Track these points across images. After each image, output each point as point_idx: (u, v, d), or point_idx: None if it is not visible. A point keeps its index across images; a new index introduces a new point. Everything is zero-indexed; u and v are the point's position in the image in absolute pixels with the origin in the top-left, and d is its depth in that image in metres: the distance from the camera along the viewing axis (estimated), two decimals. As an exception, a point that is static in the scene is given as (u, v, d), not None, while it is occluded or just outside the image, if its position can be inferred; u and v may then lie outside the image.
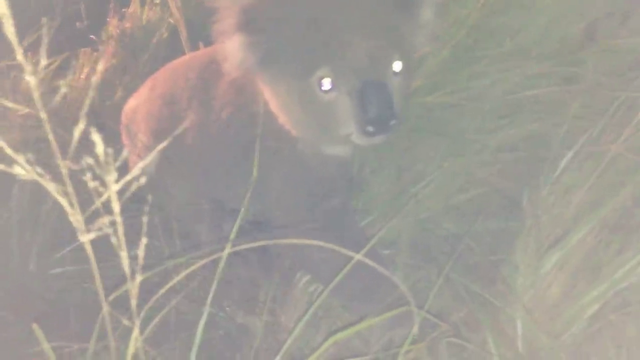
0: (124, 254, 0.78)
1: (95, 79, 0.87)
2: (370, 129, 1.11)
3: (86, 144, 0.76)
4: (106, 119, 1.87)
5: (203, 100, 1.39)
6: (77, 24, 2.41)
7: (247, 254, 1.44)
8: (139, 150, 1.53)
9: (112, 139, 1.72)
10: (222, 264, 1.01)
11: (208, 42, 1.83)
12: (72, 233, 0.82)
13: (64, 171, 0.72)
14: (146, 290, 1.01)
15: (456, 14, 1.53)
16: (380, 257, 1.38)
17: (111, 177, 0.73)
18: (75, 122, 0.73)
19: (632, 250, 1.15)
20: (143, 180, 0.79)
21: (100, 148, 0.71)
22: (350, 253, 1.10)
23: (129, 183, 0.76)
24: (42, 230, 1.50)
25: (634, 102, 1.34)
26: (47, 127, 0.70)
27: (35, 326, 0.86)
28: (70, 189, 0.73)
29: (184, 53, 1.92)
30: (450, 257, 1.42)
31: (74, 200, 0.73)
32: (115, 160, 0.74)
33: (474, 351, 1.17)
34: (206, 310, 1.05)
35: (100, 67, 2.18)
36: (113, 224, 0.75)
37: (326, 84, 1.13)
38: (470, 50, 1.54)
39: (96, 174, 0.72)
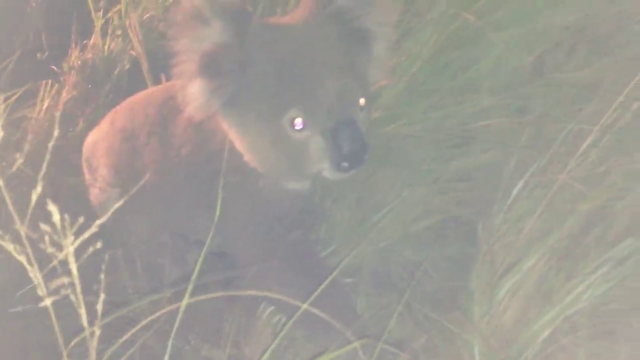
0: (82, 311, 0.81)
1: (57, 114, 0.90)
2: (345, 164, 1.16)
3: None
4: (68, 151, 1.88)
5: (162, 137, 1.41)
6: (38, 55, 2.41)
7: (210, 286, 1.47)
8: (99, 184, 1.54)
9: (75, 172, 1.73)
10: (185, 300, 1.03)
11: (170, 75, 1.87)
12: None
13: (22, 234, 0.74)
14: (110, 325, 1.03)
15: (410, 49, 1.59)
16: (341, 288, 1.41)
17: (68, 241, 0.76)
18: (35, 171, 0.76)
19: (580, 276, 1.21)
20: (99, 244, 0.83)
21: (56, 217, 0.74)
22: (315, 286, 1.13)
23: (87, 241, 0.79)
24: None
25: (580, 133, 1.41)
26: (5, 194, 0.73)
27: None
28: (28, 250, 0.76)
29: (145, 85, 1.94)
30: (409, 284, 1.47)
31: (32, 260, 0.76)
32: (71, 226, 0.77)
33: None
34: (169, 344, 1.07)
35: (62, 98, 2.18)
36: (72, 284, 0.77)
37: (298, 124, 1.16)
38: (425, 83, 1.60)
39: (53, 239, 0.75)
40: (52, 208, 0.75)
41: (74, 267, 0.79)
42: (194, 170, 1.37)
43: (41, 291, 0.78)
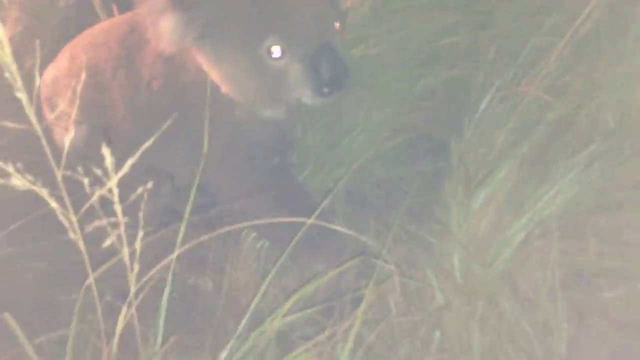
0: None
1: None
2: (326, 90, 1.16)
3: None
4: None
5: (129, 71, 1.38)
6: (-26, -10, 2.28)
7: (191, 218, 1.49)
8: (64, 123, 1.51)
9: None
10: (181, 235, 1.05)
11: (122, 6, 1.80)
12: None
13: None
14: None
15: (374, -32, 1.58)
16: (322, 211, 1.44)
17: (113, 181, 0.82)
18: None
19: (550, 182, 1.27)
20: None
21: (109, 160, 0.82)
22: (300, 219, 1.15)
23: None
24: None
25: (543, 45, 1.45)
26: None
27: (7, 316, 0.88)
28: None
29: (97, 17, 1.87)
30: (385, 201, 1.52)
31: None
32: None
33: (417, 287, 1.27)
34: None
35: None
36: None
37: (276, 52, 1.16)
38: (388, 3, 1.60)
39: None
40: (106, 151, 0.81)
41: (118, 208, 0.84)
42: (167, 103, 1.36)
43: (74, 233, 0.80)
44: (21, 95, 0.76)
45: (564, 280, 1.24)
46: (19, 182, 0.73)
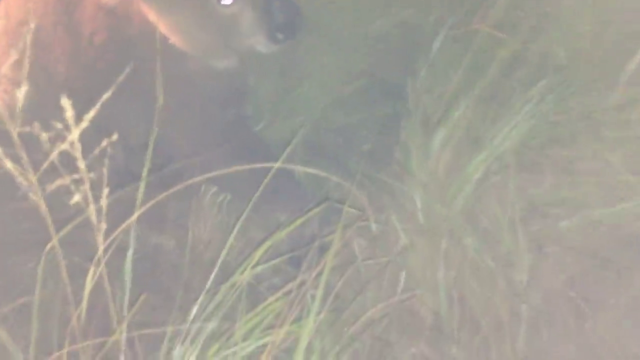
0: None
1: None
2: (280, 36, 1.13)
3: None
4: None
5: (69, 26, 1.32)
6: None
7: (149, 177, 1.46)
8: (3, 85, 1.45)
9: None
10: (141, 195, 1.03)
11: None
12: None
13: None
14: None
15: None
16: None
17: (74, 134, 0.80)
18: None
19: (505, 118, 1.29)
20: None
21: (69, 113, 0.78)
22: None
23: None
24: None
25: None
26: None
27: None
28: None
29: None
30: (344, 148, 1.52)
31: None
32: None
33: (381, 230, 1.29)
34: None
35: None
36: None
37: None
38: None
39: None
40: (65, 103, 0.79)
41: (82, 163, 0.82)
42: (112, 58, 1.31)
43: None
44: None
45: (522, 213, 1.28)
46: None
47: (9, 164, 0.80)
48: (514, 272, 1.23)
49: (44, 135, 0.82)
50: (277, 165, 1.10)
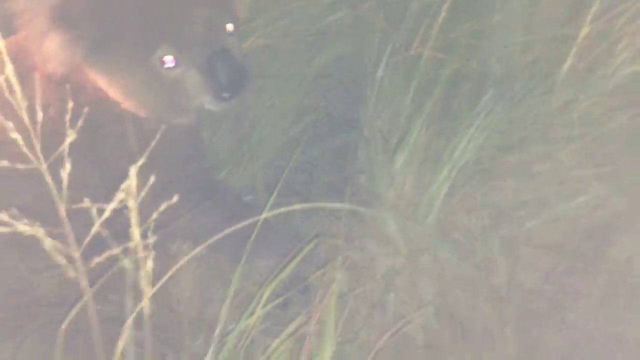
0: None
1: None
2: (226, 94, 1.15)
3: None
4: None
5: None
6: None
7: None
8: None
9: None
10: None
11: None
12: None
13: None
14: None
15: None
16: (250, 207, 1.43)
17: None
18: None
19: (459, 133, 1.36)
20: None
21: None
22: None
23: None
24: None
25: (423, 8, 1.52)
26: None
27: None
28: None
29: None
30: (308, 184, 1.55)
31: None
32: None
33: (361, 258, 1.32)
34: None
35: None
36: None
37: (169, 61, 1.13)
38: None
39: None
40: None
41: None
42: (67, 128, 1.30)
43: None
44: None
45: (490, 220, 1.34)
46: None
47: (48, 243, 0.78)
48: (493, 278, 1.28)
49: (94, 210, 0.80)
50: (263, 216, 1.11)
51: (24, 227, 0.78)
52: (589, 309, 1.29)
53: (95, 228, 0.89)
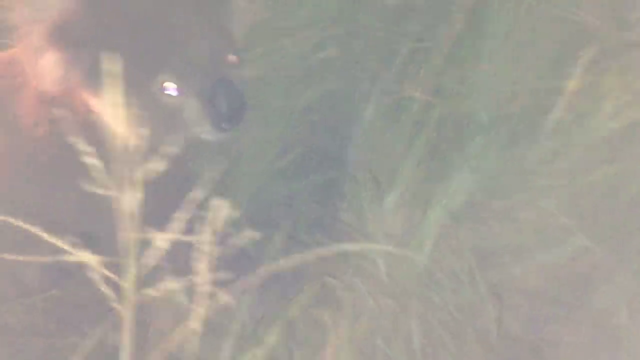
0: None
1: None
2: (225, 125, 1.14)
3: None
4: None
5: (5, 121, 1.25)
6: None
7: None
8: None
9: None
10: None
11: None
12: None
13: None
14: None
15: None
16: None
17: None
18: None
19: (449, 176, 1.37)
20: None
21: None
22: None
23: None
24: None
25: (418, 51, 1.55)
26: None
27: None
28: None
29: None
30: (289, 219, 1.53)
31: None
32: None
33: (348, 298, 1.31)
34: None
35: None
36: None
37: (170, 89, 1.11)
38: (264, 24, 1.62)
39: None
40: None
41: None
42: (56, 150, 1.25)
43: None
44: None
45: (475, 263, 1.35)
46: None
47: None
48: (478, 322, 1.29)
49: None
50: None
51: (82, 255, 0.74)
52: (569, 358, 1.31)
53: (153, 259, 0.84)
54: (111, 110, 1.17)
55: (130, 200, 0.85)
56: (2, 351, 1.31)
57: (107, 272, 0.84)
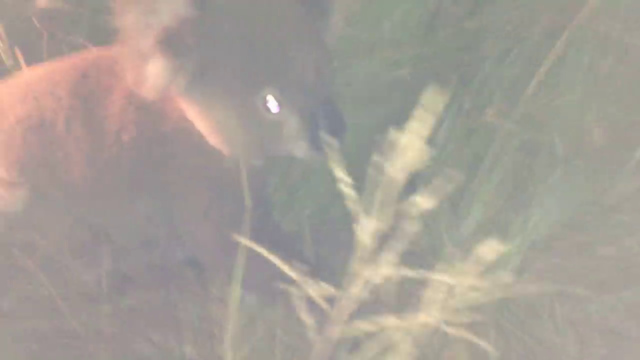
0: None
1: None
2: (323, 145, 1.11)
3: None
4: None
5: (88, 122, 1.24)
6: None
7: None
8: None
9: None
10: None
11: (27, 52, 1.62)
12: None
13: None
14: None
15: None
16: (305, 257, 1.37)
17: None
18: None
19: (530, 207, 1.34)
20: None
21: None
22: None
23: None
24: None
25: (496, 75, 1.53)
26: None
27: None
28: None
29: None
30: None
31: None
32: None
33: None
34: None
35: None
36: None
37: (273, 103, 1.10)
38: (344, 40, 1.61)
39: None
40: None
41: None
42: (139, 155, 1.24)
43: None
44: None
45: (555, 296, 1.32)
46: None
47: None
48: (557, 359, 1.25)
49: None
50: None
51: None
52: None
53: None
54: (206, 119, 1.16)
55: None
56: (68, 355, 1.29)
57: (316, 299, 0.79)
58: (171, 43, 1.07)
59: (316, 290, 0.91)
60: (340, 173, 0.93)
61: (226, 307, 1.34)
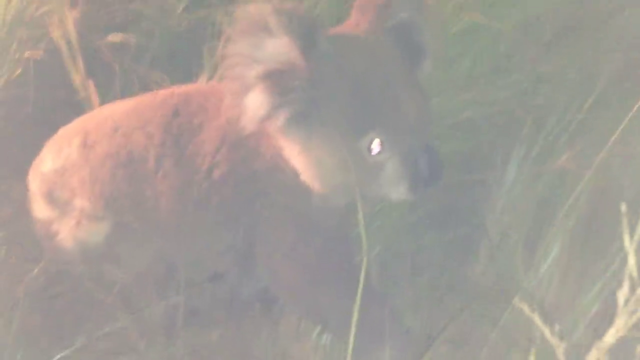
0: None
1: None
2: (420, 188, 1.14)
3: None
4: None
5: (179, 160, 1.25)
6: None
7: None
8: (78, 217, 1.32)
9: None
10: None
11: (100, 81, 1.63)
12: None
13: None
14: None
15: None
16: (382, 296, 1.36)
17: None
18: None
19: (607, 254, 1.34)
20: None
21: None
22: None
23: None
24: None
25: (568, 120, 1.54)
26: None
27: None
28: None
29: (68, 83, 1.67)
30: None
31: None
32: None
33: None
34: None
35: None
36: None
37: (376, 146, 1.12)
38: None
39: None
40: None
41: None
42: (229, 192, 1.24)
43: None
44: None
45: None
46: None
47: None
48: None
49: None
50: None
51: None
52: None
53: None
54: (305, 158, 1.16)
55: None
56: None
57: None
58: (277, 79, 1.08)
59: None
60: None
61: (301, 344, 1.35)
